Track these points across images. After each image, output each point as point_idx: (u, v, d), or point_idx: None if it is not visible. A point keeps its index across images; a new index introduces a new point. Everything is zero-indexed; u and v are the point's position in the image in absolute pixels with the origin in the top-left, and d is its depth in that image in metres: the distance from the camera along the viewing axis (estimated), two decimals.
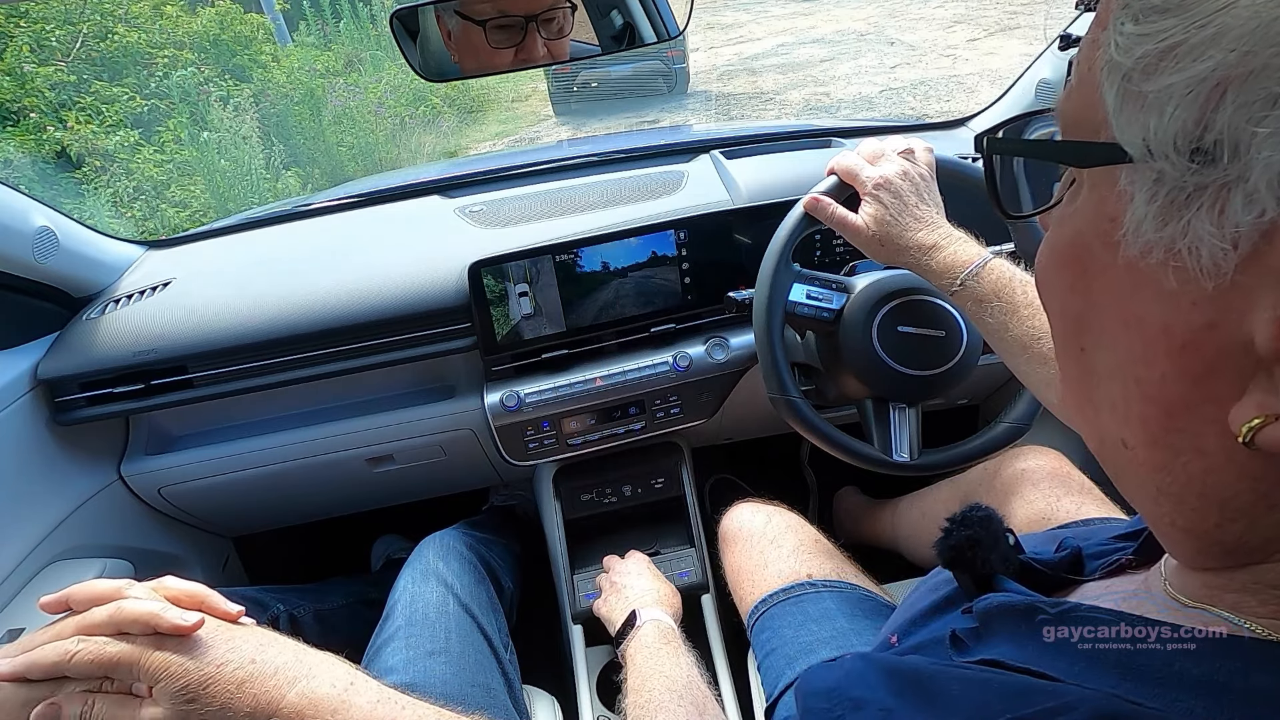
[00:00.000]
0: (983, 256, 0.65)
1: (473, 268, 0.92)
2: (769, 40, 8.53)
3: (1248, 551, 0.25)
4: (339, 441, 1.00)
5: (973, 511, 0.40)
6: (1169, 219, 0.22)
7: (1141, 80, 0.22)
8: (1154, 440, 0.25)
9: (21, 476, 0.87)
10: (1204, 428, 0.23)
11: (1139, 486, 0.28)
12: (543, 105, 7.59)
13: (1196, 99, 0.20)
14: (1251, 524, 0.24)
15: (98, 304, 0.98)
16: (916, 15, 8.47)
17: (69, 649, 0.39)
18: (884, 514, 1.14)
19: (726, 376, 0.99)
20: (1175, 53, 0.21)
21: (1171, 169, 0.21)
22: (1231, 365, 0.22)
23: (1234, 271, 0.21)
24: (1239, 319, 0.21)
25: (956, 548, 0.38)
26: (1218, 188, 0.20)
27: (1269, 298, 0.20)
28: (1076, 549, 0.40)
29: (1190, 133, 0.20)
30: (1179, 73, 0.20)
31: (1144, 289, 0.23)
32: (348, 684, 0.44)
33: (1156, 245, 0.22)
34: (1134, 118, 0.22)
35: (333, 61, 6.79)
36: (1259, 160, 0.19)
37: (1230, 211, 0.20)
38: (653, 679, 0.63)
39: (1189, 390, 0.23)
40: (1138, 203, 0.23)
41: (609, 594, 0.87)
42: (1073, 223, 0.27)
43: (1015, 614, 0.31)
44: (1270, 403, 0.21)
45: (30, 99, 4.22)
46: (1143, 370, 0.25)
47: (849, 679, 0.32)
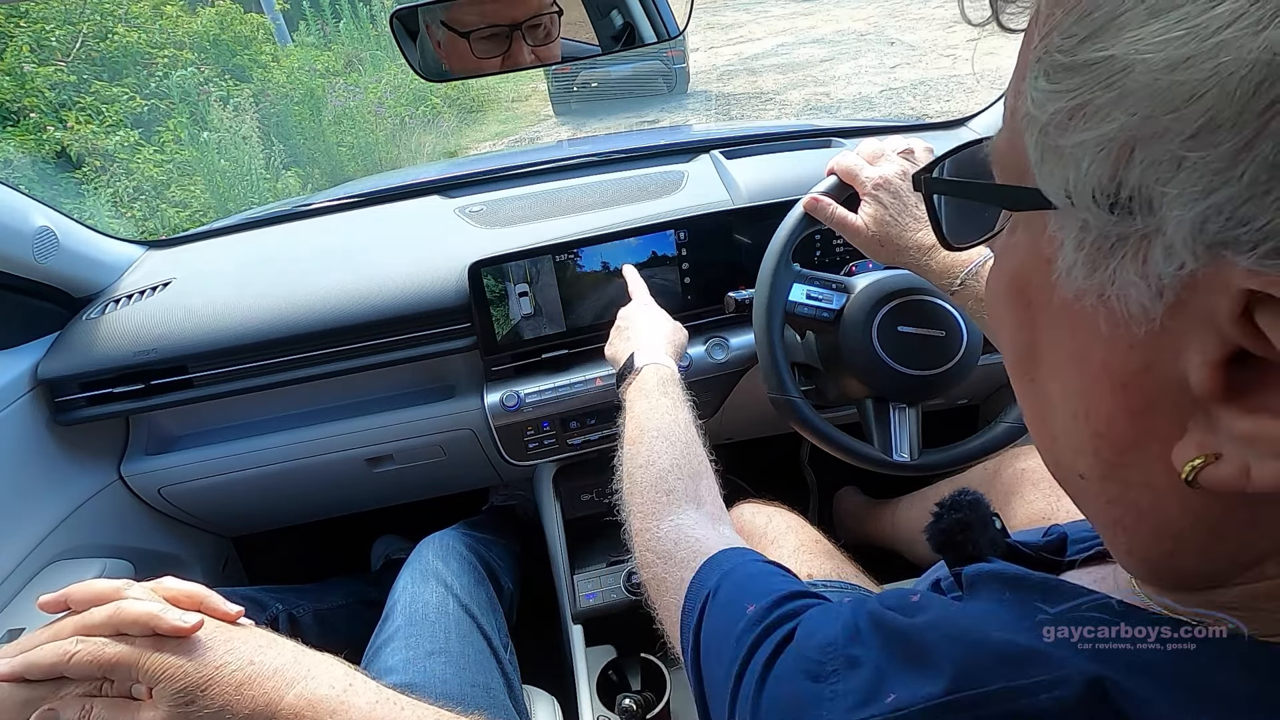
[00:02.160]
0: (983, 256, 0.64)
1: (473, 268, 0.92)
2: (769, 40, 8.53)
3: (1202, 578, 0.25)
4: (339, 441, 1.00)
5: (962, 496, 0.40)
6: (1097, 266, 0.22)
7: (1057, 135, 0.22)
8: (1106, 474, 0.25)
9: (21, 476, 0.87)
10: (1151, 464, 0.23)
11: (1095, 514, 0.28)
12: (543, 105, 7.59)
13: (1108, 156, 0.20)
14: (1203, 555, 0.24)
15: (98, 304, 0.98)
16: (916, 15, 8.47)
17: (68, 649, 0.39)
18: (884, 514, 1.14)
19: (726, 376, 0.99)
20: (1084, 111, 0.21)
21: (1094, 219, 0.21)
22: (1171, 405, 0.22)
23: (1162, 317, 0.21)
24: (1173, 362, 0.21)
25: (946, 530, 0.39)
26: (1139, 238, 0.20)
27: (1197, 343, 0.20)
28: (1062, 535, 0.40)
29: (1106, 187, 0.20)
30: (1089, 131, 0.20)
31: (1082, 329, 0.24)
32: (346, 685, 0.44)
33: (1088, 290, 0.22)
34: (1054, 169, 0.22)
35: (333, 61, 6.79)
36: (1171, 217, 0.19)
37: (1153, 262, 0.20)
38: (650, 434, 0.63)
39: (1133, 428, 0.23)
40: (1067, 248, 0.23)
41: (613, 335, 0.83)
42: (1014, 255, 0.27)
43: (1001, 580, 0.32)
44: (1209, 442, 0.21)
45: (30, 99, 4.23)
46: (1090, 406, 0.25)
47: (846, 633, 0.32)
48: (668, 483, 0.58)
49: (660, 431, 0.62)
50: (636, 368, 0.72)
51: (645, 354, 0.74)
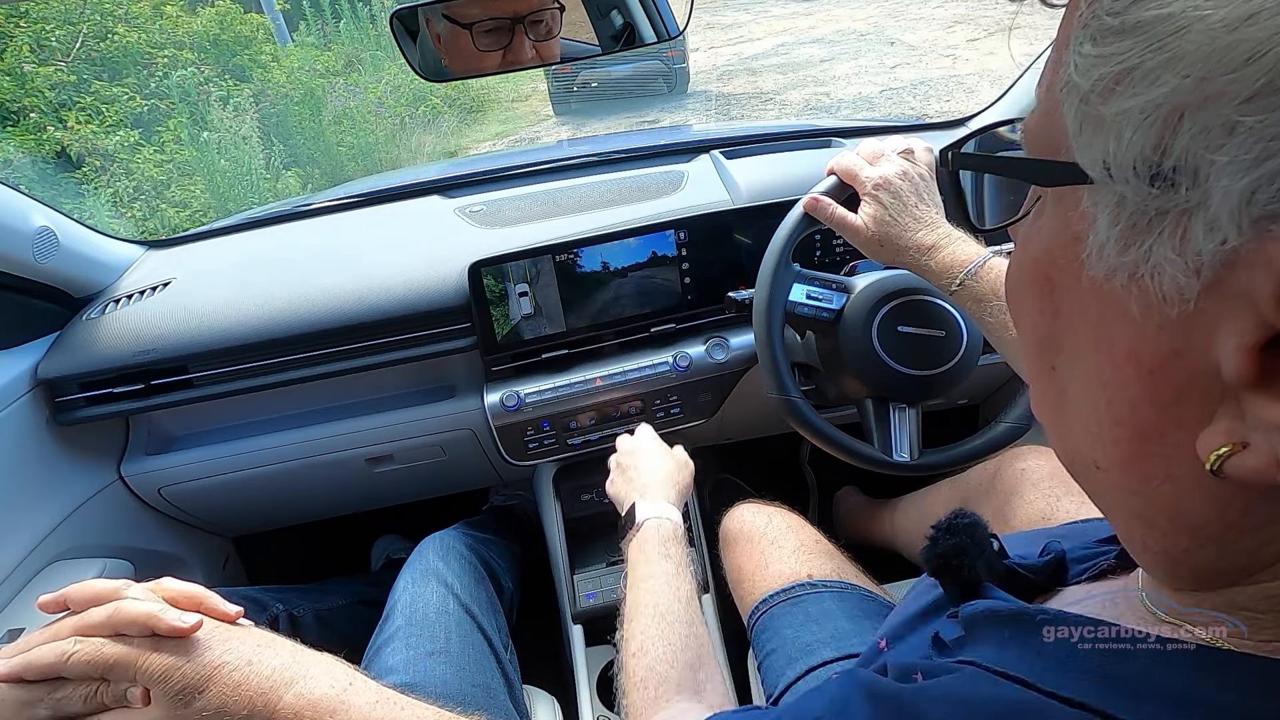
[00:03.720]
0: (982, 256, 0.65)
1: (473, 268, 0.92)
2: (769, 40, 8.53)
3: (1220, 575, 0.25)
4: (339, 441, 1.00)
5: (958, 519, 0.39)
6: (1131, 243, 0.21)
7: (1099, 103, 0.21)
8: (1126, 464, 0.25)
9: (21, 476, 0.87)
10: (1174, 453, 0.23)
11: (1111, 508, 0.28)
12: (543, 105, 7.59)
13: (1154, 124, 0.19)
14: (1222, 550, 0.24)
15: (98, 304, 0.98)
16: (916, 15, 8.47)
17: (66, 650, 0.39)
18: (884, 514, 1.14)
19: (726, 376, 0.99)
20: (1132, 76, 0.20)
21: (1132, 193, 0.21)
22: (1200, 392, 0.21)
23: (1197, 298, 0.20)
24: (1205, 346, 0.20)
25: (942, 556, 0.38)
26: (1179, 213, 0.20)
27: (1232, 325, 0.19)
28: (1060, 553, 0.39)
29: (1149, 158, 0.20)
30: (1135, 97, 0.20)
31: (1110, 312, 0.23)
32: (346, 684, 0.44)
33: (1120, 269, 0.22)
34: (1093, 140, 0.22)
35: (333, 61, 6.79)
36: (1218, 188, 0.18)
37: (1192, 238, 0.19)
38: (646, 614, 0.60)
39: (1159, 415, 0.23)
40: (1100, 225, 0.22)
41: (615, 474, 0.82)
42: (1040, 239, 0.26)
43: (999, 620, 0.31)
44: (1237, 430, 0.21)
45: (30, 99, 4.23)
46: (1113, 393, 0.24)
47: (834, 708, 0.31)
48: (664, 672, 0.55)
49: (658, 610, 0.60)
50: (638, 522, 0.71)
51: (648, 505, 0.72)
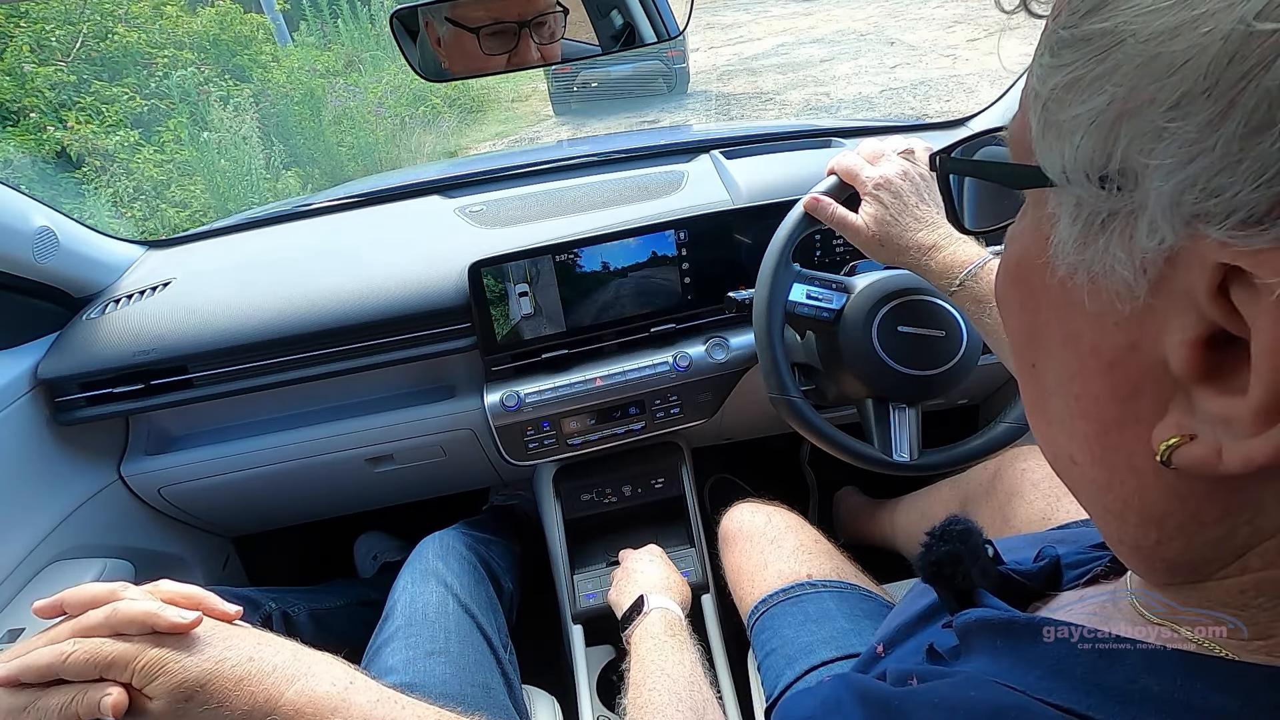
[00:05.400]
0: (982, 257, 0.65)
1: (473, 268, 0.92)
2: (769, 40, 8.52)
3: (1191, 569, 0.25)
4: (339, 441, 1.00)
5: (952, 525, 0.40)
6: (1088, 242, 0.22)
7: (1055, 109, 0.22)
8: (1096, 458, 0.26)
9: (21, 476, 0.87)
10: (1135, 446, 0.24)
11: (1089, 502, 0.29)
12: (543, 105, 7.59)
13: (1099, 129, 0.21)
14: (1188, 542, 0.25)
15: (98, 304, 0.98)
16: (916, 15, 8.47)
17: (64, 650, 0.39)
18: (884, 514, 1.14)
19: (726, 376, 0.99)
20: (1079, 84, 0.21)
21: (1086, 195, 0.22)
22: (1154, 385, 0.22)
23: (1146, 295, 0.21)
24: (1155, 341, 0.22)
25: (936, 563, 0.38)
26: (1126, 215, 0.21)
27: (1177, 321, 0.21)
28: (1055, 558, 0.40)
29: (1097, 162, 0.21)
30: (1083, 104, 0.21)
31: (1074, 308, 0.24)
32: (347, 683, 0.44)
33: (1079, 267, 0.23)
34: (1053, 145, 0.23)
35: (333, 61, 6.78)
36: (1153, 190, 0.19)
37: (1137, 238, 0.21)
38: (654, 675, 0.62)
39: (1119, 409, 0.24)
40: (1062, 225, 0.23)
41: (619, 580, 0.85)
42: (1020, 240, 0.28)
43: (992, 629, 0.32)
44: (1186, 423, 0.22)
45: (30, 99, 4.22)
46: (1079, 387, 0.25)
47: (825, 709, 0.32)
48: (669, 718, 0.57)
49: (664, 670, 0.62)
50: (645, 610, 0.73)
51: (655, 598, 0.75)
